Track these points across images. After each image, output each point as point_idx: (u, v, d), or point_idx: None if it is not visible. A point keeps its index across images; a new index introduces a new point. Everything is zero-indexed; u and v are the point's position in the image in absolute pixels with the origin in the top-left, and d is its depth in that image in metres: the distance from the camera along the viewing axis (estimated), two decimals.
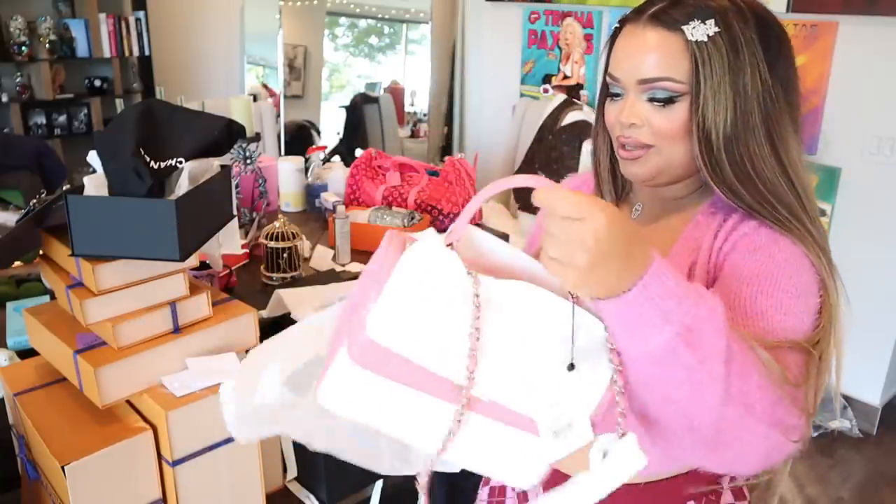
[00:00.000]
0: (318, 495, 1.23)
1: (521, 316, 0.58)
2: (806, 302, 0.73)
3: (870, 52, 2.58)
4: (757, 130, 0.76)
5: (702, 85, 0.75)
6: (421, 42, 4.48)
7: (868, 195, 2.68)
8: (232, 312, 1.13)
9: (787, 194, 0.77)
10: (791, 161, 0.78)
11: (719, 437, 0.62)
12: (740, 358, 0.60)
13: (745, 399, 0.60)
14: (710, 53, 0.74)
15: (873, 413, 2.82)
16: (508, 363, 0.58)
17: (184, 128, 1.08)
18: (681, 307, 0.57)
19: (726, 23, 0.75)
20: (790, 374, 0.67)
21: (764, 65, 0.76)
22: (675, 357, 0.57)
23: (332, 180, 2.41)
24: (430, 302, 0.57)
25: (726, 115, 0.75)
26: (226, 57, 4.25)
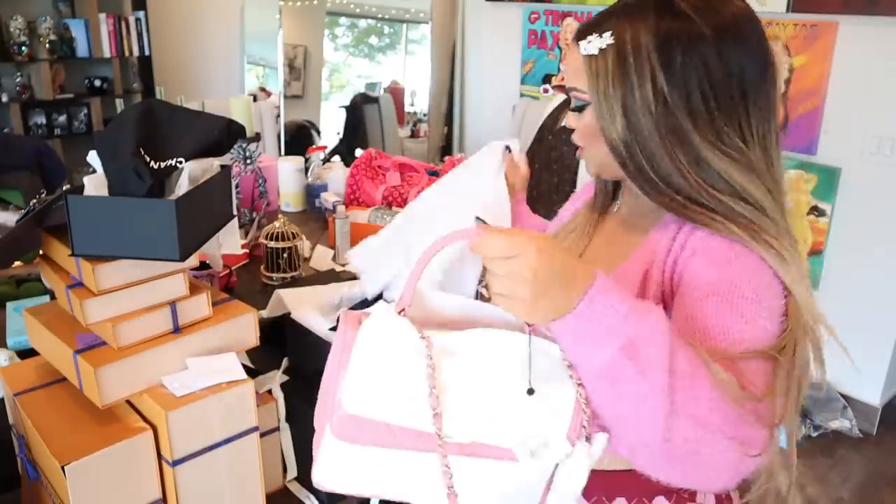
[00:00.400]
0: (318, 495, 1.23)
1: (478, 359, 0.63)
2: (768, 306, 0.73)
3: (870, 52, 2.58)
4: (652, 137, 0.78)
5: (594, 94, 0.80)
6: (421, 42, 4.48)
7: (868, 195, 2.68)
8: (232, 312, 1.13)
9: (696, 194, 0.78)
10: (711, 161, 0.78)
11: (674, 451, 0.63)
12: (688, 371, 0.61)
13: (696, 412, 0.61)
14: (599, 65, 0.79)
15: (873, 413, 2.82)
16: (475, 404, 0.62)
17: (184, 128, 1.08)
18: (625, 322, 0.60)
19: (620, 35, 0.78)
20: (753, 385, 0.67)
21: (660, 72, 0.77)
22: (619, 370, 0.61)
23: (332, 180, 2.41)
24: (392, 368, 0.62)
25: (617, 121, 0.79)
26: (226, 57, 4.25)
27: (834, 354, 1.75)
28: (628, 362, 0.60)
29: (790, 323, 0.74)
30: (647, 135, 0.78)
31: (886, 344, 2.74)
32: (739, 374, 0.67)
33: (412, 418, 0.62)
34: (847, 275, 2.79)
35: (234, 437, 1.07)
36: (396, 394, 0.62)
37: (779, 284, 0.75)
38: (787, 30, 2.77)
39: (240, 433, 1.07)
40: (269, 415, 1.19)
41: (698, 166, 0.78)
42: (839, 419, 2.79)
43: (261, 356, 1.28)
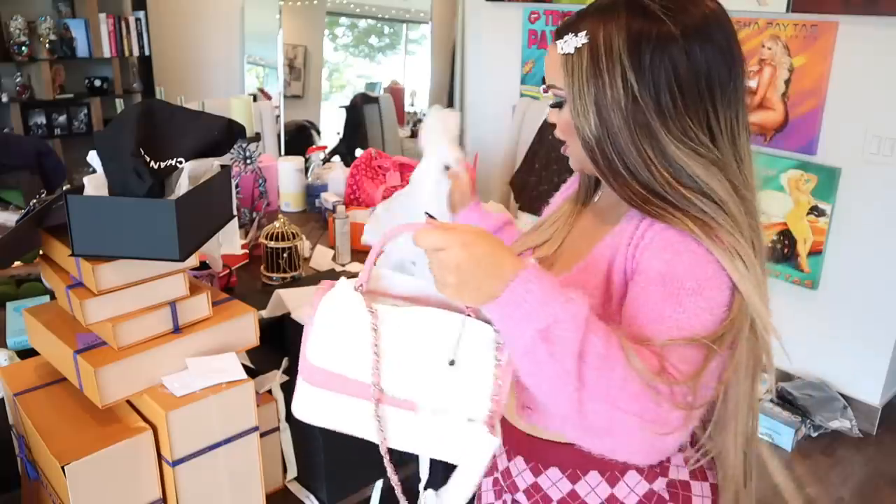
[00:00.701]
0: (318, 495, 1.23)
1: (416, 331, 0.76)
2: (709, 297, 0.77)
3: (870, 52, 2.58)
4: (620, 132, 0.82)
5: (569, 92, 0.84)
6: (421, 42, 4.48)
7: (868, 195, 2.68)
8: (232, 312, 1.13)
9: (659, 187, 0.81)
10: (670, 158, 0.81)
11: (591, 427, 0.71)
12: (601, 355, 0.69)
13: (606, 394, 0.69)
14: (574, 63, 0.83)
15: (873, 413, 2.82)
16: (406, 367, 0.75)
17: (184, 128, 1.08)
18: (542, 310, 0.68)
19: (594, 35, 0.82)
20: (677, 370, 0.73)
21: (630, 72, 0.80)
22: (535, 352, 0.69)
23: (332, 180, 2.41)
24: (344, 333, 0.76)
25: (590, 117, 0.83)
26: (226, 57, 4.25)
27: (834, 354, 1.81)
28: (543, 345, 0.68)
29: (733, 314, 0.77)
30: (618, 131, 0.82)
31: (886, 344, 2.74)
32: (665, 360, 0.73)
33: (358, 373, 0.76)
34: (847, 275, 2.79)
35: (234, 437, 1.07)
36: (347, 353, 0.76)
37: (726, 278, 0.78)
38: (787, 30, 2.77)
39: (240, 433, 1.07)
40: (269, 415, 1.19)
41: (665, 162, 0.81)
42: (839, 419, 2.79)
43: (261, 356, 1.28)
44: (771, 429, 2.77)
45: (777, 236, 2.96)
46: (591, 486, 0.91)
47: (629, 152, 0.82)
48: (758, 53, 2.89)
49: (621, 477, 0.90)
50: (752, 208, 0.83)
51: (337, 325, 0.76)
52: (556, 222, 1.03)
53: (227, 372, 1.06)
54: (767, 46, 2.85)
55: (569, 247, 0.98)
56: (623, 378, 0.69)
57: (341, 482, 1.24)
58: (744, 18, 2.90)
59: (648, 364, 0.71)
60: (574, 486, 0.92)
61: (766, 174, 2.94)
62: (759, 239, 0.83)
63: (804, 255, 2.89)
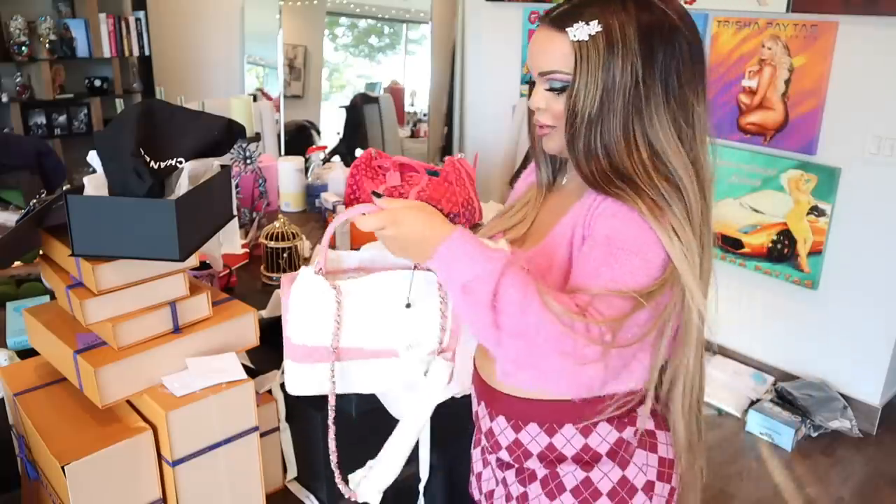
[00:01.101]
0: (318, 495, 1.23)
1: (374, 293, 0.92)
2: (643, 259, 0.87)
3: (870, 52, 2.59)
4: (616, 115, 0.89)
5: (578, 76, 0.89)
6: (421, 42, 4.48)
7: (868, 195, 2.68)
8: (232, 312, 1.13)
9: (629, 166, 0.89)
10: (659, 141, 0.90)
11: (515, 361, 0.84)
12: (516, 301, 0.81)
13: (524, 333, 0.81)
14: (589, 50, 0.88)
15: (873, 413, 2.82)
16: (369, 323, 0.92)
17: (184, 128, 1.08)
18: (466, 267, 0.83)
19: (608, 25, 0.88)
20: (599, 314, 0.84)
21: (640, 60, 0.88)
22: (461, 304, 0.85)
23: (332, 180, 2.41)
24: (315, 310, 0.90)
25: (593, 101, 0.89)
26: (226, 57, 4.25)
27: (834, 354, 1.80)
28: (464, 297, 0.83)
29: (664, 277, 0.87)
30: (614, 115, 0.89)
31: (886, 344, 2.75)
32: (591, 305, 0.84)
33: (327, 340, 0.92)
34: (847, 275, 2.79)
35: (234, 437, 1.07)
36: (321, 327, 0.91)
37: (662, 249, 0.87)
38: (787, 30, 2.77)
39: (240, 433, 1.07)
40: (269, 415, 1.19)
41: (648, 147, 0.90)
42: (839, 419, 2.79)
43: (261, 356, 1.28)
44: (771, 429, 2.77)
45: (777, 236, 2.96)
46: (567, 437, 1.00)
47: (614, 136, 0.90)
48: (758, 53, 2.89)
49: (594, 428, 0.99)
50: (709, 203, 0.93)
51: (307, 305, 0.89)
52: (525, 207, 1.10)
53: (227, 372, 1.06)
54: (767, 46, 2.85)
55: (537, 227, 1.06)
56: (538, 321, 0.80)
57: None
58: (744, 18, 2.90)
59: (565, 305, 0.82)
60: (551, 439, 1.00)
61: (766, 174, 2.94)
62: (708, 233, 0.92)
63: (804, 255, 2.89)
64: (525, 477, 1.04)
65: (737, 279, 3.10)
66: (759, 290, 3.07)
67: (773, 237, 2.97)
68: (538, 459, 1.02)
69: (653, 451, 1.01)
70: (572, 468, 1.00)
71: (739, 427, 2.87)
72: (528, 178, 1.17)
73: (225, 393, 1.04)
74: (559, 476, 1.00)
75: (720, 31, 2.98)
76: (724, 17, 2.96)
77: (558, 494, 1.00)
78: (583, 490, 0.99)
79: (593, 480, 0.99)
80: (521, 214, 1.09)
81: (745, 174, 3.02)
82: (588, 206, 0.93)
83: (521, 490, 1.05)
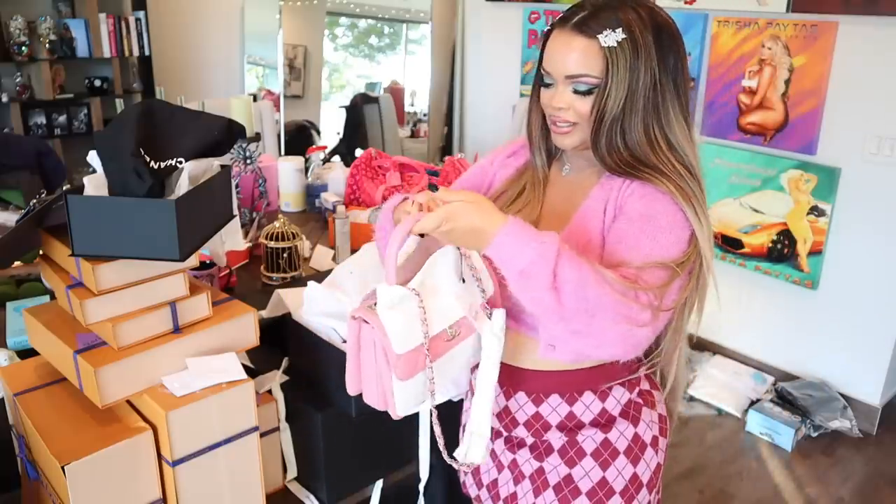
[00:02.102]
0: (318, 495, 1.23)
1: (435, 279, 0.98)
2: (676, 234, 0.99)
3: (870, 52, 2.58)
4: (637, 114, 0.99)
5: (609, 80, 0.98)
6: (421, 42, 4.48)
7: (868, 195, 2.68)
8: (232, 312, 1.13)
9: (653, 157, 1.00)
10: (675, 134, 1.02)
11: (580, 331, 0.91)
12: (574, 279, 0.88)
13: (585, 306, 0.89)
14: (618, 56, 0.97)
15: (873, 413, 2.82)
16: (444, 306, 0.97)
17: (184, 128, 1.08)
18: (521, 253, 0.89)
19: (631, 31, 0.97)
20: (646, 283, 0.94)
21: (656, 63, 0.98)
22: (520, 286, 0.91)
23: (332, 180, 2.41)
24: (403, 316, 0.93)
25: (620, 102, 0.98)
26: (226, 57, 4.25)
27: (834, 354, 1.79)
28: (524, 281, 0.90)
29: (692, 249, 0.99)
30: (635, 112, 0.99)
31: (886, 344, 2.74)
32: (638, 277, 0.95)
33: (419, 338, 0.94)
34: (847, 275, 2.79)
35: (234, 437, 1.07)
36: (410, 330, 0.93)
37: (686, 222, 0.99)
38: (787, 30, 2.77)
39: (240, 433, 1.07)
40: (269, 415, 1.19)
41: (666, 140, 1.02)
42: (839, 419, 2.79)
43: (261, 356, 1.28)
44: (771, 429, 2.77)
45: (777, 236, 2.96)
46: (587, 404, 1.09)
47: (636, 131, 1.00)
48: (758, 53, 2.89)
49: (610, 392, 1.09)
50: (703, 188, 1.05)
51: (397, 315, 0.93)
52: (523, 194, 1.16)
53: (227, 372, 1.06)
54: (767, 46, 2.85)
55: (551, 211, 1.13)
56: (598, 293, 0.89)
57: (341, 482, 1.24)
58: (744, 18, 2.90)
59: (620, 276, 0.93)
60: (572, 407, 1.09)
61: (766, 174, 2.94)
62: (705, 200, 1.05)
63: (804, 255, 2.89)
64: (541, 451, 1.10)
65: (737, 279, 3.10)
66: (759, 290, 3.07)
67: (773, 237, 2.97)
68: (558, 430, 1.09)
69: (653, 408, 1.14)
70: (591, 432, 1.08)
71: (739, 427, 2.87)
72: (503, 166, 1.23)
73: (225, 393, 1.04)
74: (578, 443, 1.08)
75: (720, 31, 2.98)
76: (724, 17, 2.96)
77: (578, 460, 1.08)
78: (602, 451, 1.08)
79: (611, 441, 1.08)
80: (522, 201, 1.15)
81: (745, 174, 3.02)
82: (616, 188, 1.04)
83: (536, 466, 1.10)
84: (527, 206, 1.14)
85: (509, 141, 1.27)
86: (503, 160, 1.24)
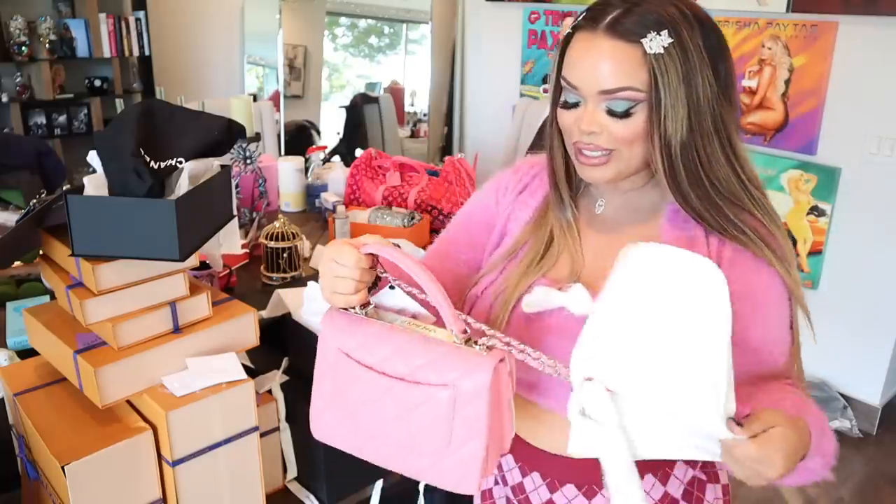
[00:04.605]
0: (318, 495, 1.23)
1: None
2: (788, 312, 0.86)
3: (870, 52, 2.58)
4: (709, 134, 0.80)
5: (662, 95, 0.78)
6: (421, 42, 4.48)
7: (868, 195, 2.68)
8: (232, 312, 1.13)
9: (740, 192, 0.83)
10: (739, 158, 0.84)
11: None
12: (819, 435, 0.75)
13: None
14: (667, 64, 0.77)
15: (873, 413, 2.82)
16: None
17: (184, 128, 1.08)
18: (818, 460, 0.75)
19: (678, 33, 0.78)
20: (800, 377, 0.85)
21: (709, 69, 0.79)
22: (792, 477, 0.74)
23: (332, 180, 2.41)
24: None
25: (683, 122, 0.79)
26: (226, 57, 4.25)
27: (833, 354, 1.79)
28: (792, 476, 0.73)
29: (794, 316, 0.86)
30: (706, 133, 0.80)
31: (886, 344, 2.74)
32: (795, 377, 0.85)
33: None
34: (847, 275, 2.79)
35: (234, 437, 1.07)
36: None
37: (787, 292, 0.85)
38: (787, 30, 2.77)
39: (240, 433, 1.07)
40: (269, 415, 1.19)
41: (738, 161, 0.83)
42: (839, 419, 2.79)
43: (261, 356, 1.28)
44: None
45: None
46: (647, 490, 0.90)
47: (715, 160, 0.81)
48: (758, 53, 2.89)
49: (671, 471, 0.92)
50: None
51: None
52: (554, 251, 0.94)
53: (227, 372, 1.06)
54: (767, 46, 2.85)
55: (594, 268, 0.91)
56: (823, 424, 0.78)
57: (341, 482, 1.24)
58: (744, 18, 2.90)
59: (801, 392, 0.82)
60: (591, 501, 0.92)
61: (766, 174, 2.94)
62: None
63: (804, 255, 2.89)
64: None
65: None
66: None
67: None
68: None
69: (717, 482, 0.96)
70: None
71: None
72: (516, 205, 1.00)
73: (225, 393, 1.04)
74: None
75: None
76: (724, 17, 2.96)
77: None
78: None
79: None
80: (553, 254, 0.93)
81: None
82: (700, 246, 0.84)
83: None
84: (559, 260, 0.93)
85: (510, 168, 1.04)
86: (514, 197, 1.01)
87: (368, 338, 0.80)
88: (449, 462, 0.74)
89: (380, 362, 0.78)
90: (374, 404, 0.78)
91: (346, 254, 0.79)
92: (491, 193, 1.03)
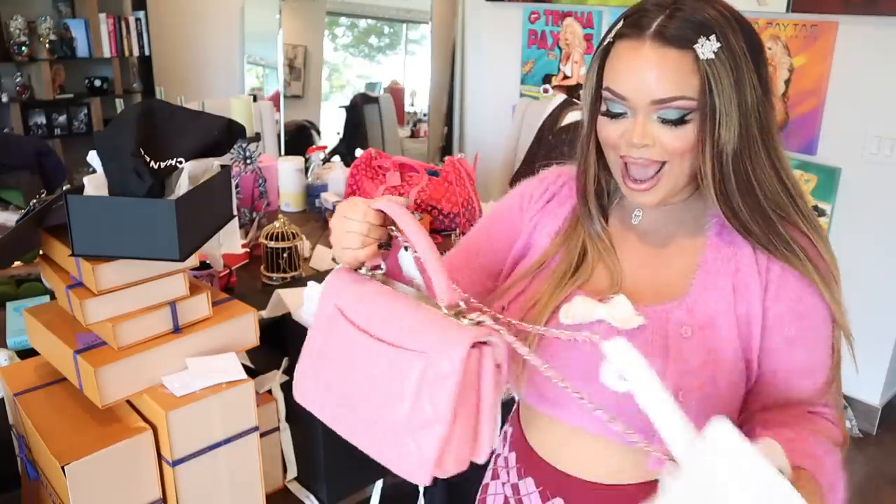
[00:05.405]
0: (318, 495, 1.23)
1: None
2: (831, 335, 0.84)
3: (870, 52, 2.58)
4: (755, 141, 0.79)
5: (717, 102, 0.76)
6: (421, 42, 4.48)
7: (868, 195, 2.68)
8: (232, 312, 1.13)
9: (786, 203, 0.81)
10: (783, 165, 0.82)
11: None
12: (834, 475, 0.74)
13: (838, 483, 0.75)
14: (719, 70, 0.75)
15: (873, 413, 2.82)
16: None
17: (184, 128, 1.08)
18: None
19: (725, 36, 0.76)
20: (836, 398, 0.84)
21: (755, 75, 0.78)
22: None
23: (332, 180, 2.41)
24: None
25: (735, 129, 0.77)
26: (226, 57, 4.25)
27: None
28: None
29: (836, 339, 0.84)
30: (755, 141, 0.79)
31: (886, 344, 2.74)
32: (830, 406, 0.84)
33: None
34: (847, 275, 2.77)
35: (234, 437, 1.07)
36: None
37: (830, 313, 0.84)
38: (787, 30, 2.77)
39: (240, 433, 1.07)
40: (269, 415, 1.19)
41: (789, 178, 0.82)
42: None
43: (261, 356, 1.28)
44: None
45: None
46: None
47: (762, 167, 0.79)
48: None
49: None
50: None
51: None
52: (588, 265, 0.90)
53: (227, 372, 1.06)
54: (767, 46, 2.85)
55: (635, 278, 0.89)
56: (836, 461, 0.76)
57: (341, 482, 1.24)
58: None
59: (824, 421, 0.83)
60: None
61: None
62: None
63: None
64: None
65: None
66: None
67: None
68: None
69: None
70: None
71: None
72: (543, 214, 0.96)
73: (225, 393, 1.04)
74: None
75: None
76: None
77: None
78: None
79: None
80: (587, 269, 0.90)
81: None
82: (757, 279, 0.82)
83: None
84: (595, 272, 0.89)
85: (535, 178, 1.01)
86: (541, 207, 0.97)
87: (365, 295, 0.77)
88: (409, 444, 0.69)
89: (367, 321, 0.75)
90: (349, 364, 0.75)
91: (355, 208, 0.78)
92: (515, 199, 1.00)
